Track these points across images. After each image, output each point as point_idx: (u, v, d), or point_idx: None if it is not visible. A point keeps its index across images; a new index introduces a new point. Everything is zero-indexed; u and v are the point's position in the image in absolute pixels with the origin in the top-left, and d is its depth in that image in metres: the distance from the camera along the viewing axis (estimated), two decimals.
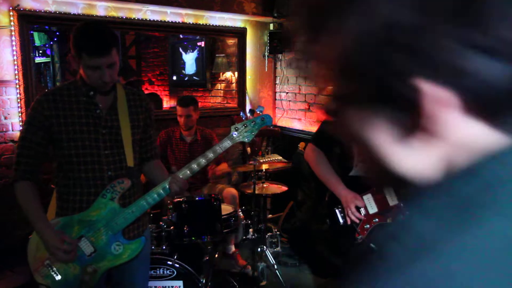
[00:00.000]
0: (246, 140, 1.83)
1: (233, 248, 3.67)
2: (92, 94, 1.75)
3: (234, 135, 1.83)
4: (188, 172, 1.82)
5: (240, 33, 4.63)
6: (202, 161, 1.82)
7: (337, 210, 2.15)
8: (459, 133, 0.38)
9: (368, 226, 2.10)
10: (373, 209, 2.12)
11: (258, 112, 1.84)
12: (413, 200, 0.39)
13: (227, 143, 1.83)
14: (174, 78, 6.20)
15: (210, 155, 1.83)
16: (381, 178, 0.47)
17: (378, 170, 0.43)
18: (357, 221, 2.10)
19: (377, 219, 2.11)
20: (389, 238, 0.37)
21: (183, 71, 5.84)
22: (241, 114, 1.90)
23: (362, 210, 2.10)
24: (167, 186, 1.80)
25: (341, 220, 2.13)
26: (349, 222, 2.10)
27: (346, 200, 2.10)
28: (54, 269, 1.75)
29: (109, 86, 1.75)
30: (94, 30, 1.67)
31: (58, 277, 1.75)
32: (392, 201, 2.11)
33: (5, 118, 3.35)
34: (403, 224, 0.37)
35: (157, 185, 1.84)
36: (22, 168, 1.74)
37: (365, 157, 0.45)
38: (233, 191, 3.58)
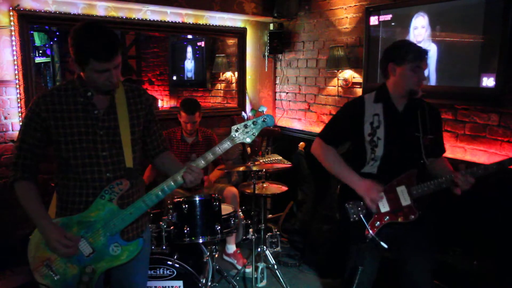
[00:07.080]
0: (247, 141, 1.77)
1: (234, 248, 3.67)
2: (90, 94, 1.74)
3: (234, 136, 1.76)
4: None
5: (240, 33, 4.63)
6: (201, 162, 1.79)
7: (347, 206, 2.12)
8: None
9: (378, 223, 2.10)
10: (385, 208, 2.11)
11: (260, 111, 1.76)
12: None
13: (227, 145, 1.77)
14: (174, 78, 6.20)
15: (210, 156, 1.78)
16: None
17: None
18: (379, 200, 2.07)
19: (387, 217, 2.11)
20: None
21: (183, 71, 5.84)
22: (242, 115, 1.81)
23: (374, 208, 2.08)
24: (166, 188, 1.78)
25: (351, 216, 2.11)
26: (374, 210, 2.08)
27: (366, 189, 2.06)
28: (53, 269, 1.75)
29: (116, 86, 1.73)
30: (100, 34, 1.62)
31: (57, 277, 1.75)
32: (404, 201, 2.11)
33: (5, 118, 3.35)
34: None
35: (165, 179, 1.79)
36: (20, 169, 1.74)
37: None
38: (233, 189, 3.59)
